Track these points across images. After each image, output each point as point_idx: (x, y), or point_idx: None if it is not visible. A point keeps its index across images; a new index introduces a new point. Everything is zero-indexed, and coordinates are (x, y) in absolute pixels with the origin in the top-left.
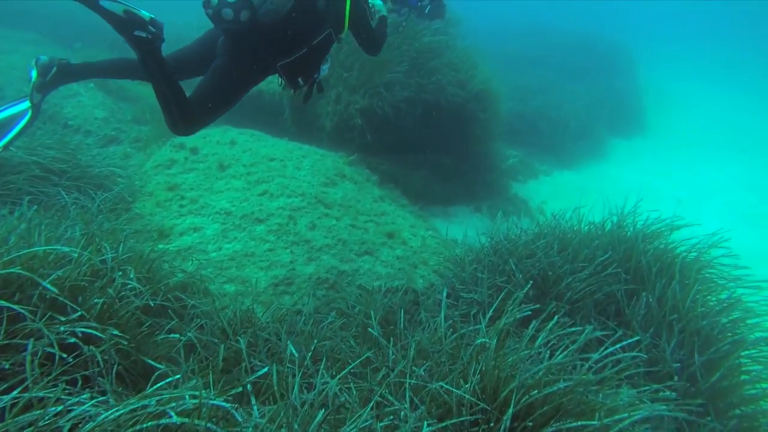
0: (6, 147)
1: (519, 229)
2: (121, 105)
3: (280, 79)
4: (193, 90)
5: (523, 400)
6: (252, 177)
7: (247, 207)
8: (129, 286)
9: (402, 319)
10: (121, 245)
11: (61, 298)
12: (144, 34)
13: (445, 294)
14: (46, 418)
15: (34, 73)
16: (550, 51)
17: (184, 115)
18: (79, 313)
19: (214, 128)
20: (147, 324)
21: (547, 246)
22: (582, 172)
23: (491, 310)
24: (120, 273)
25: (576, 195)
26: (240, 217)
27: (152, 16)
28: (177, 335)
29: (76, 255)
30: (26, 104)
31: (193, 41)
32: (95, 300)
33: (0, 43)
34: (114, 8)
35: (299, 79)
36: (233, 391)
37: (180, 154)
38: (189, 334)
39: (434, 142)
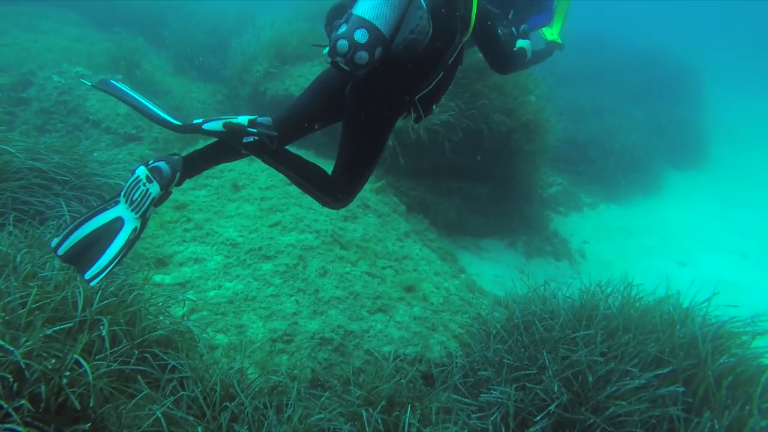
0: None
1: (557, 300)
2: None
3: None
4: (337, 161)
5: None
6: (266, 203)
7: (255, 240)
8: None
9: (407, 421)
10: (99, 293)
11: None
12: (251, 138)
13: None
14: None
15: (155, 188)
16: (608, 66)
17: (334, 196)
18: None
19: None
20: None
21: (590, 339)
22: (630, 208)
23: None
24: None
25: (621, 236)
26: (246, 251)
27: (250, 117)
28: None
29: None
30: (125, 214)
31: (304, 93)
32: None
33: (40, 22)
34: (215, 127)
35: (433, 106)
36: None
37: None
38: (158, 413)
39: (471, 170)
